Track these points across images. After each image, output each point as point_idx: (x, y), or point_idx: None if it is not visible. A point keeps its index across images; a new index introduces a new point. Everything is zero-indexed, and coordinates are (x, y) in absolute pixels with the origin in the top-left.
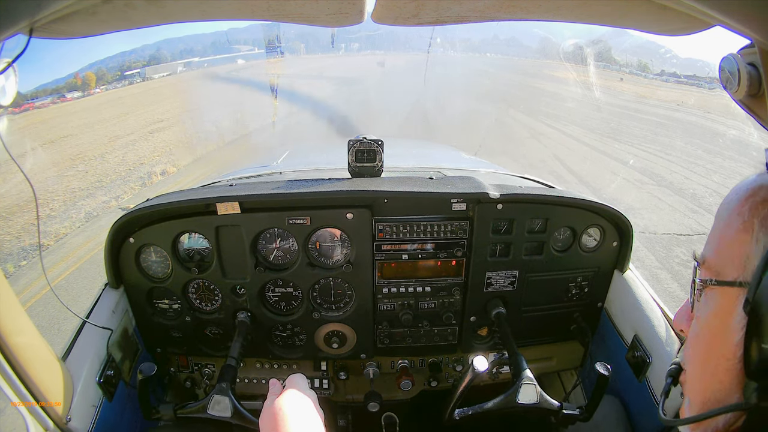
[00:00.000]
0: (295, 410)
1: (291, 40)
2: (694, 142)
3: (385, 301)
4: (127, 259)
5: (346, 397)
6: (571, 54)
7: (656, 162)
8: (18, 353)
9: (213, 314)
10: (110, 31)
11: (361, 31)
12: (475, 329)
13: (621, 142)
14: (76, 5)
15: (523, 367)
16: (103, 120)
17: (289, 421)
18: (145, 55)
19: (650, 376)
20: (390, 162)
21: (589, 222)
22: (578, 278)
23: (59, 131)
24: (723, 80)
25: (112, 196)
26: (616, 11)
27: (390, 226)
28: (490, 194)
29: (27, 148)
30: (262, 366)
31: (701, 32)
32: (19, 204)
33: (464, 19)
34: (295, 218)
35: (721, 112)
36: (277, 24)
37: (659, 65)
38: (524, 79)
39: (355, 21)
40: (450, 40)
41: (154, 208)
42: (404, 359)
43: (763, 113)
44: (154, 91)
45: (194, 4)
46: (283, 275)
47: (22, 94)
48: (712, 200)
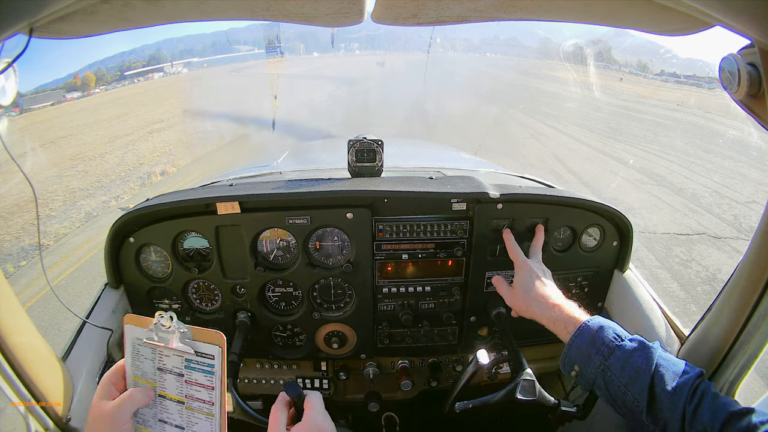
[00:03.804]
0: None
1: (291, 40)
2: (693, 142)
3: (385, 301)
4: (127, 259)
5: (346, 397)
6: (571, 54)
7: (656, 162)
8: (18, 353)
9: (213, 314)
10: (110, 31)
11: (361, 31)
12: (475, 329)
13: (621, 141)
14: (75, 5)
15: (523, 363)
16: (103, 120)
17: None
18: (145, 55)
19: None
20: (390, 162)
21: (589, 222)
22: (578, 278)
23: (59, 131)
24: (723, 80)
25: (112, 196)
26: (616, 11)
27: (390, 226)
28: (490, 194)
29: (27, 148)
30: (262, 366)
31: (701, 32)
32: (19, 204)
33: (464, 19)
34: (295, 218)
35: (721, 112)
36: (277, 24)
37: (659, 65)
38: (524, 79)
39: (355, 21)
40: (450, 40)
41: (154, 207)
42: (404, 359)
43: (763, 113)
44: (153, 91)
45: (194, 4)
46: (283, 275)
47: (22, 94)
48: (712, 200)
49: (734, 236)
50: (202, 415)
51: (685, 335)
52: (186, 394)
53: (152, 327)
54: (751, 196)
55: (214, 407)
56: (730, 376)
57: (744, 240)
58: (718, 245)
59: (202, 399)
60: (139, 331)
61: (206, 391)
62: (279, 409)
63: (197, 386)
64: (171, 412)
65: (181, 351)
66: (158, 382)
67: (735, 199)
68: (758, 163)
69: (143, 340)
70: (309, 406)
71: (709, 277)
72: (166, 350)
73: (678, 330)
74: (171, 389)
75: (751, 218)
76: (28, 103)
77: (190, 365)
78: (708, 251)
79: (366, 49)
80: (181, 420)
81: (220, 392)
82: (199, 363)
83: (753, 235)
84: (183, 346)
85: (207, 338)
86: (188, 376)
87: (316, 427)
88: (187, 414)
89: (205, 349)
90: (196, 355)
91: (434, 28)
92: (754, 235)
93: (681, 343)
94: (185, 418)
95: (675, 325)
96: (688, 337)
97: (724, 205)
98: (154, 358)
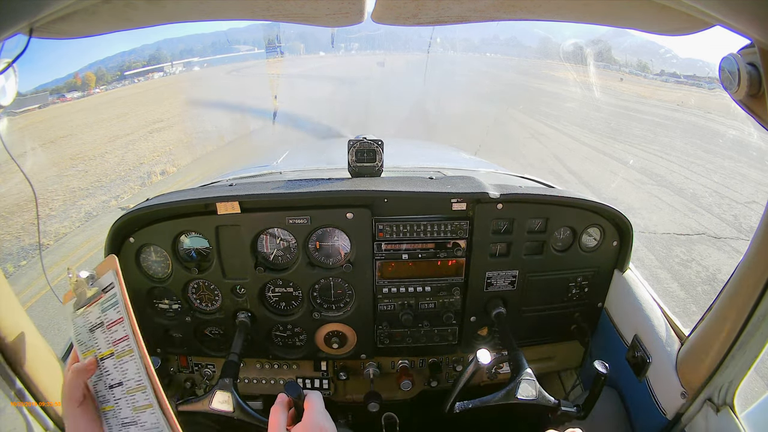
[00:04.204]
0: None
1: (291, 40)
2: (693, 142)
3: (385, 301)
4: (127, 259)
5: (346, 397)
6: (571, 54)
7: (656, 162)
8: (18, 353)
9: (213, 314)
10: (110, 31)
11: (361, 31)
12: (475, 329)
13: (621, 142)
14: (76, 5)
15: (523, 363)
16: (103, 120)
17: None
18: (145, 55)
19: (650, 375)
20: (390, 162)
21: (589, 222)
22: (578, 278)
23: (59, 131)
24: (723, 80)
25: (112, 195)
26: (616, 11)
27: (390, 226)
28: (490, 194)
29: (27, 148)
30: (262, 366)
31: (701, 32)
32: (19, 203)
33: (464, 19)
34: (295, 218)
35: (721, 112)
36: (277, 24)
37: (659, 65)
38: (524, 79)
39: (355, 21)
40: (450, 40)
41: (154, 207)
42: (404, 359)
43: (763, 113)
44: (153, 91)
45: (194, 4)
46: (283, 275)
47: (22, 94)
48: (712, 200)
49: (734, 236)
50: (127, 356)
51: (685, 335)
52: (112, 341)
53: (73, 294)
54: (751, 196)
55: (130, 340)
56: (730, 376)
57: (744, 240)
58: (718, 245)
59: (121, 337)
60: (69, 307)
61: (120, 326)
62: (279, 410)
63: (114, 326)
64: (110, 372)
65: (94, 296)
66: (94, 345)
67: (735, 199)
68: (758, 163)
69: (74, 311)
70: (309, 406)
71: (709, 277)
72: (88, 307)
73: (678, 330)
74: (102, 345)
75: (751, 218)
76: (14, 107)
77: (104, 306)
78: (708, 251)
79: (366, 49)
80: (118, 374)
81: (128, 321)
82: (108, 300)
83: (753, 235)
84: (92, 290)
85: (104, 268)
86: (106, 319)
87: (317, 427)
88: (119, 363)
89: (104, 280)
90: (104, 293)
91: (434, 28)
92: (754, 235)
93: (681, 343)
94: (119, 370)
95: (675, 325)
96: (688, 337)
97: (724, 205)
98: (85, 324)
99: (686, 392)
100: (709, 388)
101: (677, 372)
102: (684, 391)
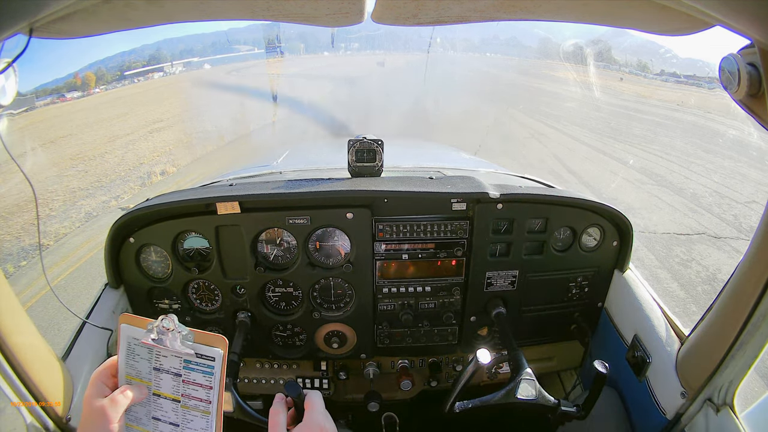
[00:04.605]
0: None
1: (291, 40)
2: (693, 142)
3: (385, 301)
4: (127, 259)
5: (346, 397)
6: (571, 54)
7: (656, 162)
8: (18, 353)
9: (213, 314)
10: (110, 31)
11: (361, 31)
12: (475, 329)
13: (621, 141)
14: (76, 5)
15: (522, 363)
16: (103, 120)
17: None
18: (145, 55)
19: (650, 375)
20: (390, 162)
21: (589, 222)
22: (578, 278)
23: (59, 131)
24: (723, 80)
25: (112, 195)
26: (616, 11)
27: (390, 226)
28: (490, 194)
29: (27, 148)
30: (262, 366)
31: (701, 32)
32: (19, 204)
33: (464, 19)
34: (295, 218)
35: (721, 112)
36: (277, 24)
37: (659, 65)
38: (524, 78)
39: (355, 21)
40: (450, 40)
41: (154, 207)
42: (404, 359)
43: (763, 113)
44: (153, 91)
45: (194, 4)
46: (283, 275)
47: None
48: (712, 200)
49: (734, 236)
50: (198, 412)
51: (685, 335)
52: (182, 393)
53: (150, 328)
54: (751, 196)
55: (210, 405)
56: (730, 376)
57: (744, 240)
58: (718, 245)
59: (199, 398)
60: (136, 332)
61: (204, 390)
62: (278, 410)
63: (195, 386)
64: (165, 410)
65: (182, 353)
66: (153, 381)
67: (735, 199)
68: (758, 163)
69: (140, 341)
70: (310, 406)
71: (709, 277)
72: (165, 351)
73: (678, 330)
74: (166, 388)
75: (751, 218)
76: (13, 107)
77: (189, 366)
78: (708, 251)
79: (366, 48)
80: (176, 417)
81: (218, 392)
82: (198, 364)
83: (753, 235)
84: (184, 349)
85: (209, 341)
86: (186, 376)
87: (318, 427)
88: (183, 412)
89: (207, 351)
90: (196, 357)
91: (434, 28)
92: (754, 235)
93: (681, 343)
94: (180, 415)
95: (675, 325)
96: (688, 337)
97: (724, 205)
98: (150, 359)
99: (686, 392)
100: (709, 388)
101: (677, 372)
102: (684, 391)
